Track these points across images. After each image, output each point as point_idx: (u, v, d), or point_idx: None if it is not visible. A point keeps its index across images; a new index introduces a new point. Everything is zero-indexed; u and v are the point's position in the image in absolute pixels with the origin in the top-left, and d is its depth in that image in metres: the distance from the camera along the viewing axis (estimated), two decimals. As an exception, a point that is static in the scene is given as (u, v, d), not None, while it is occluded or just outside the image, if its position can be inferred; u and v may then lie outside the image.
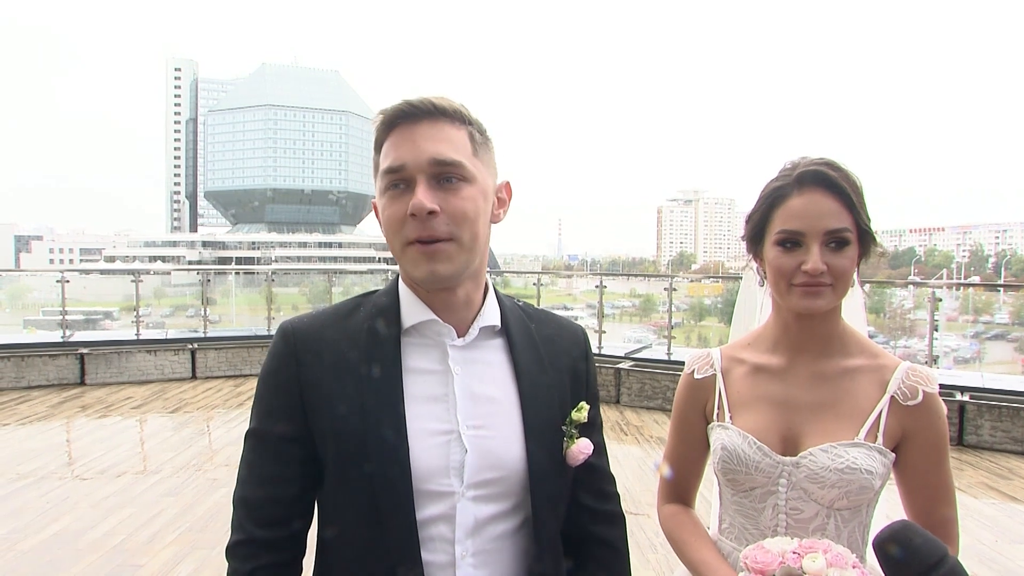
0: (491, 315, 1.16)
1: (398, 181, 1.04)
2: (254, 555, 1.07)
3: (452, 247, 1.03)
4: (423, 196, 1.00)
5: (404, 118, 1.05)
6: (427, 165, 1.02)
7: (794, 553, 1.08)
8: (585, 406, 1.18)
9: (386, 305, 1.13)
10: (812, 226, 1.20)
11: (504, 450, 1.09)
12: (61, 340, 9.15)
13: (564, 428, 1.16)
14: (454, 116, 1.07)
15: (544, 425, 1.13)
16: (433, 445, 1.06)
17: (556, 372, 1.19)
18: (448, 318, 1.11)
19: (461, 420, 1.08)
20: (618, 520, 1.31)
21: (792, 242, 1.22)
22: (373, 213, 1.15)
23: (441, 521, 1.06)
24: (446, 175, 1.03)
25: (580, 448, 1.15)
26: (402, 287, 1.14)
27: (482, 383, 1.12)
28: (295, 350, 1.09)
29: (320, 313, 1.15)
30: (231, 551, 1.09)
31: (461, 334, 1.13)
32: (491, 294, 1.18)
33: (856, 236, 1.22)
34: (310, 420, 1.07)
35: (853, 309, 1.47)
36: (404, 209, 1.02)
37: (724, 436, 1.33)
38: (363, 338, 1.10)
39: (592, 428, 1.21)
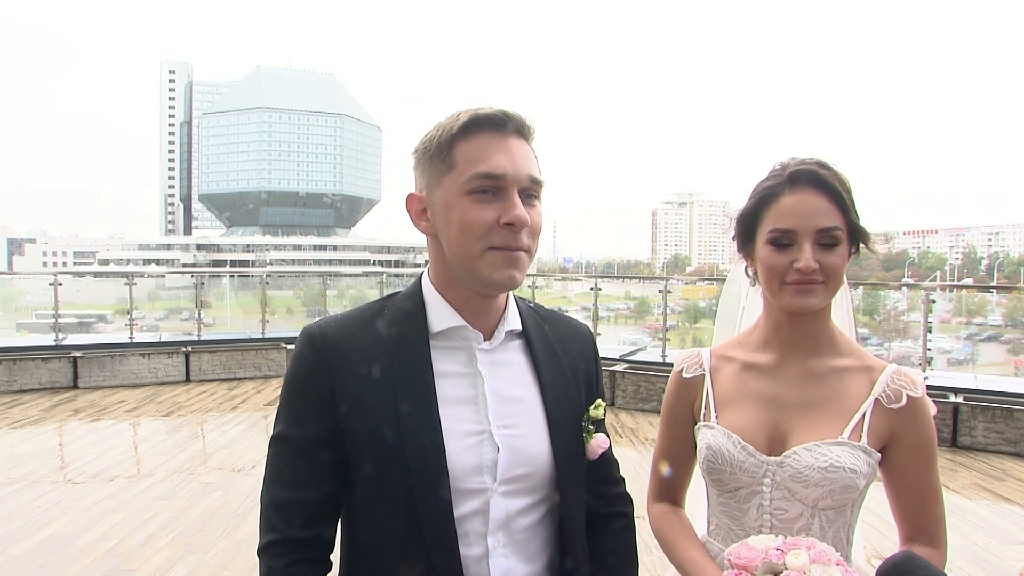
0: (513, 319, 1.20)
1: (489, 187, 1.06)
2: (289, 552, 1.10)
3: (526, 256, 1.10)
4: (522, 211, 1.06)
5: (498, 126, 1.09)
6: (524, 180, 1.08)
7: (777, 550, 1.09)
8: (601, 403, 1.26)
9: (411, 310, 1.16)
10: (804, 225, 1.21)
11: (532, 447, 1.15)
12: (54, 343, 9.12)
13: (583, 424, 1.22)
14: (532, 137, 1.13)
15: (566, 421, 1.19)
16: (468, 446, 1.10)
17: (572, 371, 1.25)
18: (477, 323, 1.15)
19: (492, 420, 1.12)
20: (626, 501, 1.38)
21: (784, 241, 1.23)
22: (406, 205, 1.16)
23: (475, 516, 1.11)
24: (530, 192, 1.10)
25: (598, 443, 1.22)
26: (428, 292, 1.17)
27: (508, 384, 1.17)
28: (325, 355, 1.11)
29: (345, 317, 1.18)
30: (264, 550, 1.11)
31: (487, 338, 1.17)
32: (511, 298, 1.22)
33: (846, 235, 1.23)
34: (343, 424, 1.09)
35: (842, 313, 1.48)
36: (493, 215, 1.06)
37: (709, 436, 1.34)
38: (393, 342, 1.13)
39: (601, 421, 1.28)
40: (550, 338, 1.25)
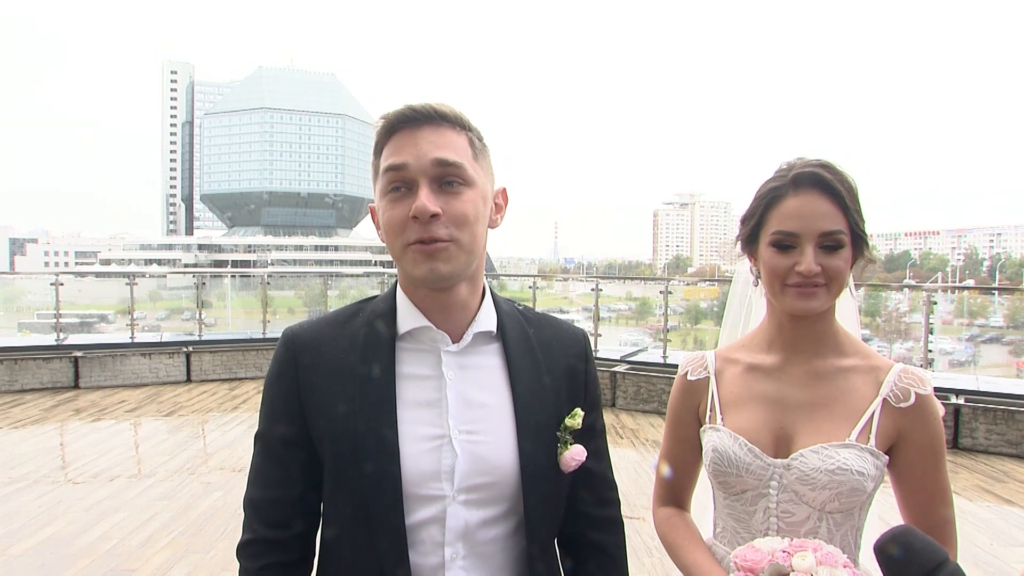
0: (486, 320, 1.15)
1: (399, 183, 1.04)
2: (262, 554, 1.11)
3: (452, 247, 1.04)
4: (426, 199, 1.01)
5: (406, 122, 1.06)
6: (429, 167, 1.03)
7: (784, 552, 1.08)
8: (579, 413, 1.17)
9: (383, 311, 1.14)
10: (807, 227, 1.20)
11: (495, 455, 1.09)
12: (55, 343, 9.11)
13: (558, 434, 1.15)
14: (455, 121, 1.08)
15: (539, 430, 1.13)
16: (424, 450, 1.07)
17: (553, 376, 1.18)
18: (443, 323, 1.12)
19: (453, 425, 1.08)
20: (616, 527, 1.30)
21: (787, 243, 1.22)
22: (370, 217, 1.16)
23: (431, 524, 1.07)
24: (448, 178, 1.04)
25: (572, 455, 1.14)
26: (399, 293, 1.15)
27: (475, 388, 1.12)
28: (295, 355, 1.12)
29: (322, 319, 1.17)
30: (240, 550, 1.14)
31: (456, 339, 1.13)
32: (487, 299, 1.18)
33: (850, 238, 1.22)
34: (309, 423, 1.10)
35: (847, 314, 1.46)
36: (406, 212, 1.03)
37: (715, 438, 1.32)
38: (360, 343, 1.12)
39: (593, 433, 1.21)
40: (532, 341, 1.19)
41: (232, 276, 15.41)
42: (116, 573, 3.76)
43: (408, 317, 1.12)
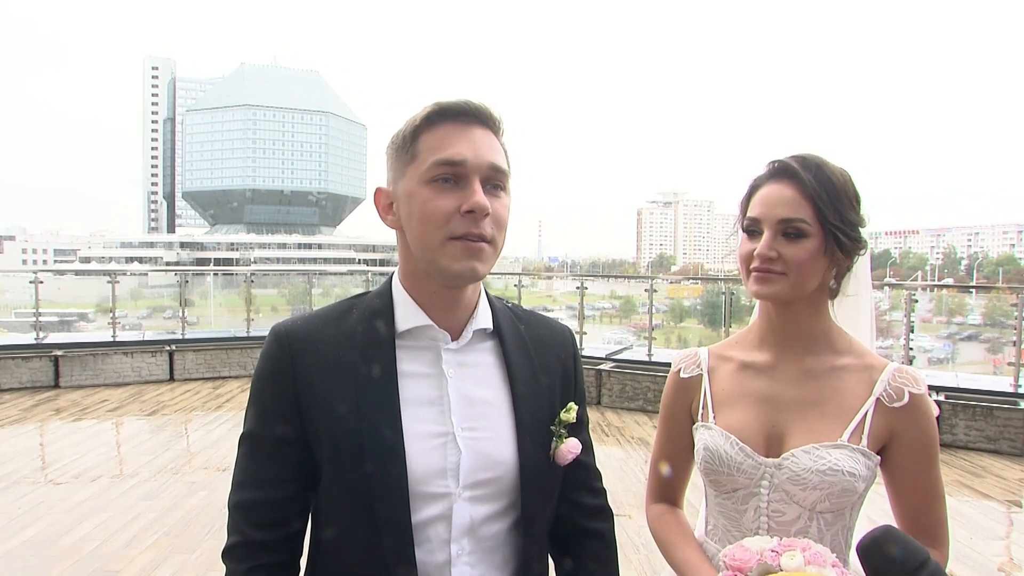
0: (484, 318, 1.17)
1: (450, 175, 1.03)
2: (251, 556, 1.09)
3: (490, 248, 1.06)
4: (482, 197, 1.03)
5: (461, 116, 1.06)
6: (485, 169, 1.05)
7: (773, 551, 1.08)
8: (574, 407, 1.20)
9: (379, 308, 1.13)
10: (767, 214, 1.23)
11: (497, 451, 1.11)
12: (34, 342, 8.98)
13: (553, 428, 1.17)
14: (500, 130, 1.11)
15: (536, 425, 1.15)
16: (429, 448, 1.07)
17: (546, 373, 1.20)
18: (444, 321, 1.12)
19: (456, 422, 1.09)
20: (607, 514, 1.33)
21: (754, 229, 1.25)
22: (373, 200, 1.14)
23: (438, 522, 1.08)
24: (494, 182, 1.07)
25: (569, 448, 1.16)
26: (397, 290, 1.14)
27: (475, 385, 1.13)
28: (290, 353, 1.09)
29: (313, 315, 1.15)
30: (227, 553, 1.11)
31: (455, 337, 1.14)
32: (483, 296, 1.19)
33: (820, 231, 1.21)
34: (306, 422, 1.08)
35: (862, 316, 1.43)
36: (453, 204, 1.03)
37: (707, 436, 1.33)
38: (358, 341, 1.10)
39: (579, 426, 1.23)
40: (525, 338, 1.21)
41: (215, 274, 15.31)
42: (100, 574, 3.72)
43: (407, 315, 1.11)
